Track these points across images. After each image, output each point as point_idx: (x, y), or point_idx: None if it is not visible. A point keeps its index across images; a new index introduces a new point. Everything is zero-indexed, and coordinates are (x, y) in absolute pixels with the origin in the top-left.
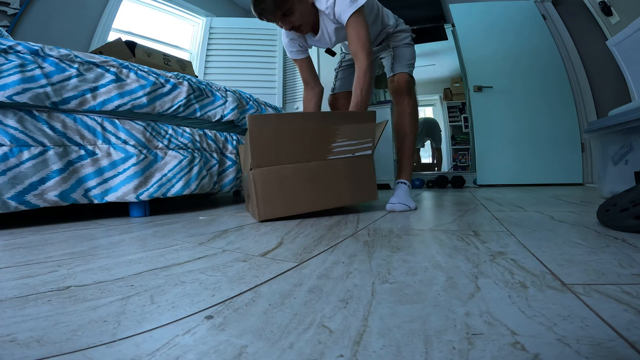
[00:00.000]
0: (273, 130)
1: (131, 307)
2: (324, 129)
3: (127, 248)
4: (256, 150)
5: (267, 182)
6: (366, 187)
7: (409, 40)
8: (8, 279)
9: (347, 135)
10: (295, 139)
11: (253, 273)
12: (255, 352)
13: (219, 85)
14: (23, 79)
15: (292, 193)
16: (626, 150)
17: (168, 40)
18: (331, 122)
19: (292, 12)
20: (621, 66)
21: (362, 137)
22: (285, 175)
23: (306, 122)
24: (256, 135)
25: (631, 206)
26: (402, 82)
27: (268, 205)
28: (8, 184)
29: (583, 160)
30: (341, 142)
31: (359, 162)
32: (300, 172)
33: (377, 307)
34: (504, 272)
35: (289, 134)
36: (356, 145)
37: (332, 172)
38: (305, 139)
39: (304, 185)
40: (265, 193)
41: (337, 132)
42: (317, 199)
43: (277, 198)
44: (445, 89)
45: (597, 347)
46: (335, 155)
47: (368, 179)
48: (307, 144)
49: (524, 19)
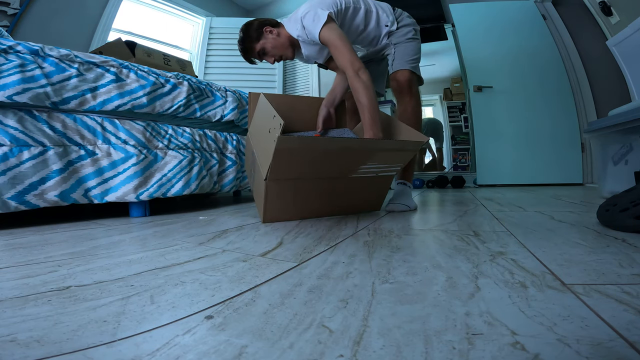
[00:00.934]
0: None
1: (131, 307)
2: (361, 153)
3: (127, 248)
4: (276, 166)
5: (280, 194)
6: (374, 200)
7: (412, 35)
8: (8, 279)
9: (381, 160)
10: (323, 161)
11: (253, 273)
12: (255, 352)
13: (219, 85)
14: (23, 79)
15: (302, 202)
16: (626, 150)
17: (168, 40)
18: (370, 148)
19: (265, 52)
20: (621, 66)
21: (395, 162)
22: (301, 188)
23: (347, 146)
24: (281, 155)
25: (631, 206)
26: (402, 80)
27: (274, 211)
28: (8, 184)
29: (583, 160)
30: (371, 166)
31: (379, 180)
32: (317, 186)
33: (377, 307)
34: (504, 272)
35: (319, 155)
36: (384, 169)
37: (349, 188)
38: (332, 159)
39: (317, 197)
40: (274, 202)
41: (371, 157)
42: (324, 208)
43: (285, 207)
44: (445, 89)
45: (597, 347)
46: (359, 175)
47: (380, 193)
48: (333, 164)
49: (524, 18)
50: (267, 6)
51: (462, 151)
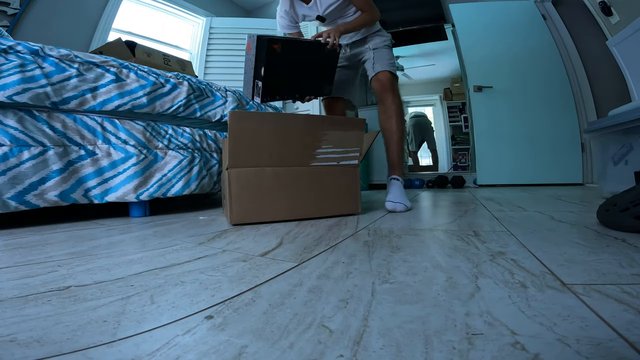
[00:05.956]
0: (255, 129)
1: (131, 307)
2: (310, 132)
3: (127, 248)
4: (235, 149)
5: (244, 184)
6: (349, 200)
7: (388, 43)
8: (8, 279)
9: (334, 141)
10: (278, 141)
11: (253, 273)
12: (255, 352)
13: (219, 85)
14: (23, 79)
15: (270, 198)
16: (626, 150)
17: (168, 40)
18: (318, 125)
19: None
20: (621, 66)
21: (349, 145)
22: (264, 178)
23: (291, 123)
24: (236, 132)
25: (631, 206)
26: (385, 80)
27: (242, 209)
28: (8, 184)
29: (583, 160)
30: (326, 149)
31: (344, 172)
32: (281, 177)
33: (377, 307)
34: (504, 272)
35: (271, 135)
36: (342, 154)
37: (315, 180)
38: (288, 141)
39: (283, 191)
40: (241, 196)
41: (324, 138)
42: (295, 207)
43: (253, 202)
44: (445, 89)
45: (597, 347)
46: (319, 162)
47: (352, 191)
48: (290, 147)
49: (524, 18)
50: (267, 6)
51: (462, 151)
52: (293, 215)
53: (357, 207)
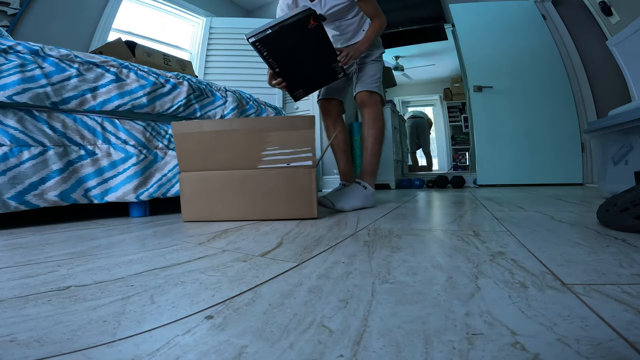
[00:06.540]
0: (196, 136)
1: (131, 307)
2: (252, 135)
3: (127, 248)
4: (182, 155)
5: (194, 186)
6: (304, 203)
7: (378, 56)
8: (8, 279)
9: (279, 143)
10: (222, 145)
11: (253, 273)
12: (255, 352)
13: (219, 85)
14: (23, 79)
15: (219, 199)
16: (626, 150)
17: (168, 40)
18: (259, 127)
19: None
20: (621, 66)
21: (298, 145)
22: (212, 181)
23: (231, 127)
24: (180, 140)
25: (631, 206)
26: (361, 100)
27: (192, 209)
28: (8, 184)
29: (583, 160)
30: (272, 151)
31: (296, 174)
32: (228, 179)
33: (377, 307)
34: (504, 272)
35: (214, 140)
36: (291, 155)
37: (263, 182)
38: (232, 145)
39: (232, 193)
40: (191, 197)
41: (267, 140)
42: (247, 208)
43: (203, 203)
44: (445, 89)
45: (597, 347)
46: (266, 165)
47: (307, 193)
48: (234, 150)
49: (524, 18)
50: (267, 6)
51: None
52: (246, 215)
53: (313, 212)
